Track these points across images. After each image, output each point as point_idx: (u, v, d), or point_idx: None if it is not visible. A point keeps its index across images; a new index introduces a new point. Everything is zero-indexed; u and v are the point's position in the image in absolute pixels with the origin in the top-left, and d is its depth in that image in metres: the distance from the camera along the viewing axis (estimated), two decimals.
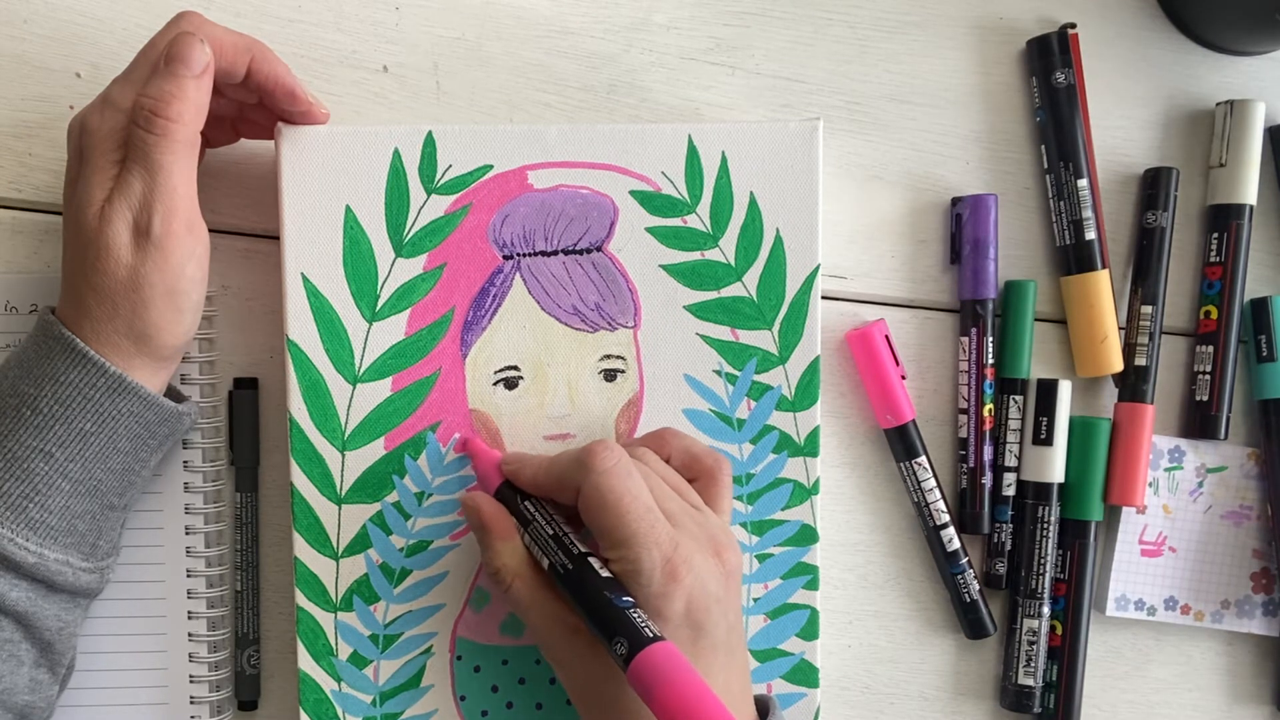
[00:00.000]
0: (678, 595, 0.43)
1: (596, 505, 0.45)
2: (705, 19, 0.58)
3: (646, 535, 0.44)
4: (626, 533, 0.44)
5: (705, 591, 0.44)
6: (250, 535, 0.54)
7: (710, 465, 0.50)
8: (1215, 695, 0.63)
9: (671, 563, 0.44)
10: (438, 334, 0.52)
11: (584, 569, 0.45)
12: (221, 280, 0.54)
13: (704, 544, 0.45)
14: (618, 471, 0.45)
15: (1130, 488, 0.60)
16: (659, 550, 0.44)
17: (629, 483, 0.45)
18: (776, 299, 0.54)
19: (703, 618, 0.44)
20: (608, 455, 0.45)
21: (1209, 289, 0.61)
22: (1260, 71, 0.63)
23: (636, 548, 0.44)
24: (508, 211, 0.53)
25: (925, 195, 0.60)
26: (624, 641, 0.41)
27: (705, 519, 0.47)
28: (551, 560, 0.46)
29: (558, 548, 0.46)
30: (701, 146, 0.53)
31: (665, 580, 0.43)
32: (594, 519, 0.45)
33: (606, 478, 0.45)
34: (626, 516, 0.44)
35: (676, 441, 0.51)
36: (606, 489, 0.45)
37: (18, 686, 0.47)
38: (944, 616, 0.61)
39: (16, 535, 0.45)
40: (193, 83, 0.45)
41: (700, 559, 0.44)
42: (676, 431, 0.51)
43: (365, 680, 0.53)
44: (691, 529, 0.46)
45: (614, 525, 0.44)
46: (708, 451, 0.51)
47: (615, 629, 0.42)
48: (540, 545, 0.46)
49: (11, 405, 0.45)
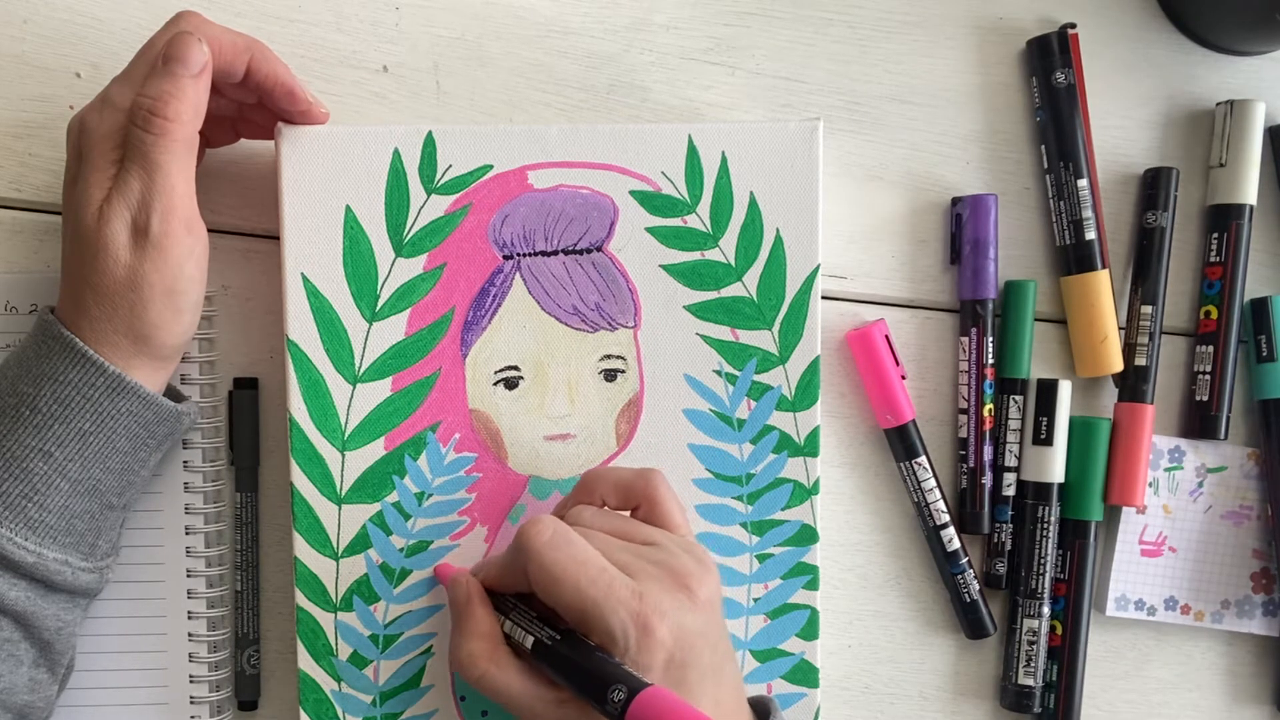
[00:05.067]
0: (657, 648, 0.42)
1: (548, 582, 0.44)
2: (705, 19, 0.58)
3: (607, 598, 0.43)
4: (586, 601, 0.43)
5: (684, 630, 0.43)
6: (250, 535, 0.54)
7: (643, 487, 0.49)
8: (1215, 695, 0.63)
9: (641, 616, 0.42)
10: (438, 334, 0.52)
11: (572, 636, 0.44)
12: (221, 280, 0.54)
13: (669, 583, 0.44)
14: (556, 542, 0.44)
15: (1130, 488, 0.59)
16: (624, 609, 0.42)
17: (571, 550, 0.44)
18: (776, 299, 0.54)
19: (687, 655, 0.43)
20: (541, 530, 0.44)
21: (1209, 289, 0.61)
22: (1260, 71, 0.63)
23: (601, 614, 0.42)
24: (508, 211, 0.53)
25: (925, 195, 0.60)
26: (621, 687, 0.41)
27: (664, 552, 0.46)
28: (537, 636, 0.45)
29: (543, 624, 0.45)
30: (701, 146, 0.53)
31: (640, 635, 0.42)
32: (551, 597, 0.44)
33: (548, 552, 0.44)
34: (580, 584, 0.43)
35: (602, 483, 0.50)
36: (551, 563, 0.43)
37: (17, 686, 0.46)
38: (944, 616, 0.60)
39: (15, 535, 0.45)
40: (191, 82, 0.45)
41: (669, 600, 0.43)
42: (596, 471, 0.50)
43: (365, 680, 0.53)
44: (651, 571, 0.44)
45: (571, 598, 0.43)
46: (635, 474, 0.49)
47: (610, 680, 0.41)
48: (524, 626, 0.46)
49: (10, 405, 0.45)
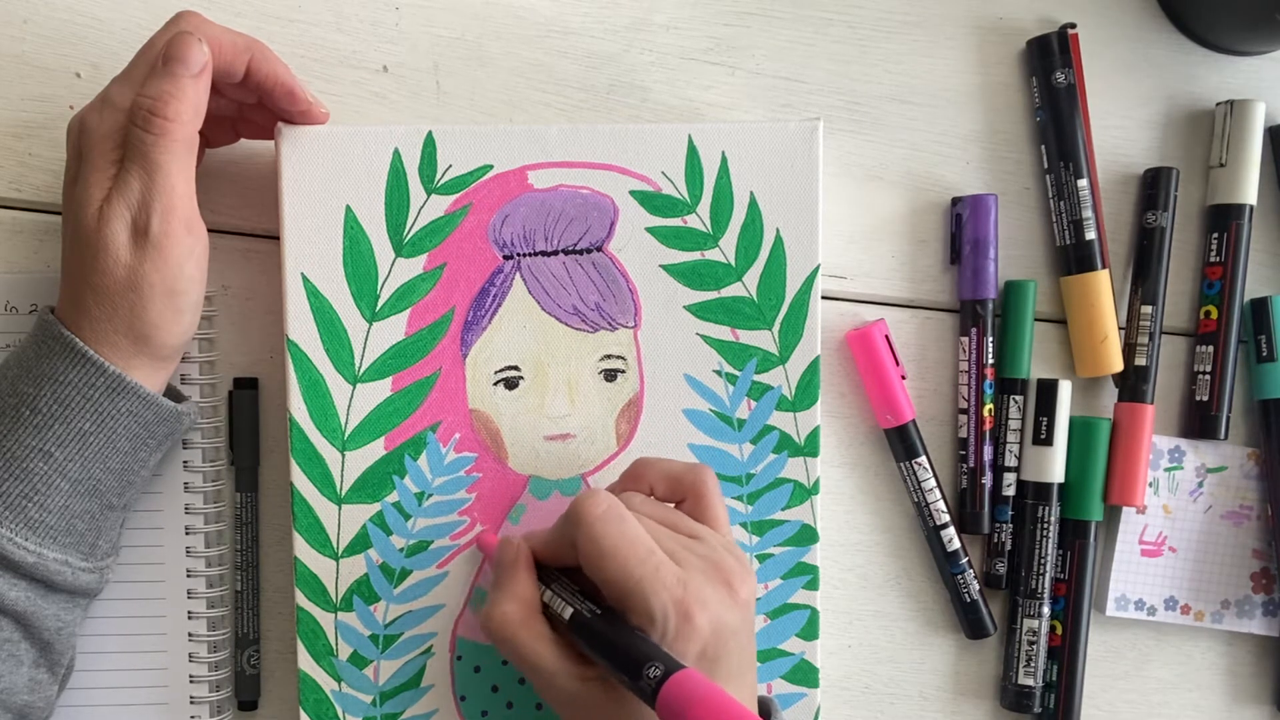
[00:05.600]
0: (694, 636, 0.42)
1: (595, 555, 0.44)
2: (705, 19, 0.58)
3: (652, 579, 0.42)
4: (631, 580, 0.43)
5: (722, 624, 0.43)
6: (250, 535, 0.54)
7: (692, 481, 0.49)
8: (1215, 695, 0.63)
9: (683, 603, 0.42)
10: (438, 334, 0.52)
11: (611, 614, 0.44)
12: (221, 280, 0.54)
13: (712, 576, 0.44)
14: (609, 517, 0.44)
15: (1130, 488, 0.59)
16: (668, 593, 0.42)
17: (623, 527, 0.44)
18: (776, 299, 0.54)
19: (720, 650, 0.43)
20: (596, 502, 0.44)
21: (1209, 289, 0.61)
22: (1260, 71, 0.63)
23: (644, 594, 0.42)
24: (508, 211, 0.53)
25: (925, 195, 0.60)
26: (658, 665, 0.40)
27: (708, 547, 0.46)
28: (577, 608, 0.45)
29: (585, 598, 0.45)
30: (701, 146, 0.53)
31: (680, 622, 0.42)
32: (596, 570, 0.44)
33: (600, 524, 0.44)
34: (628, 563, 0.43)
35: (652, 470, 0.50)
36: (601, 536, 0.43)
37: (17, 686, 0.46)
38: (944, 616, 0.60)
39: (15, 535, 0.45)
40: (191, 82, 0.45)
41: (711, 592, 0.43)
42: (647, 460, 0.50)
43: (365, 680, 0.53)
44: (697, 563, 0.44)
45: (617, 574, 0.43)
46: (686, 468, 0.49)
47: (647, 658, 0.41)
48: (564, 598, 0.45)
49: (11, 405, 0.45)
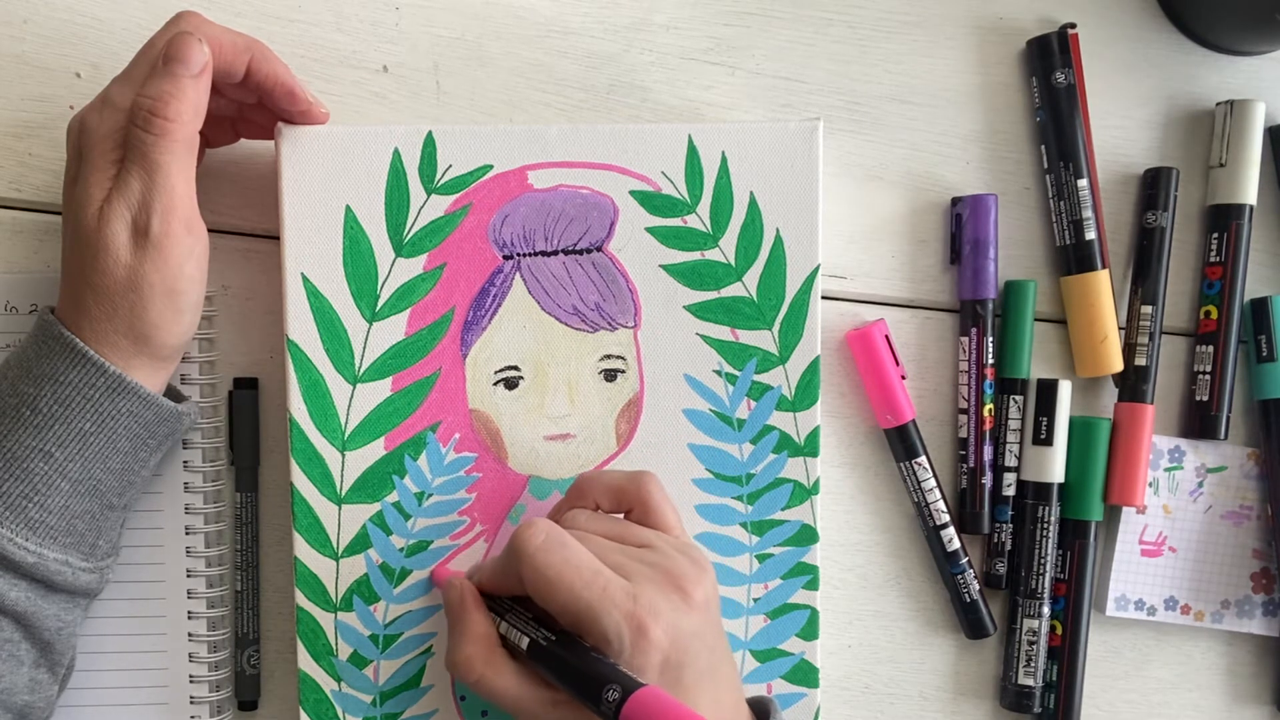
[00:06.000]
0: (651, 649, 0.42)
1: (542, 585, 0.44)
2: (705, 19, 0.58)
3: (601, 600, 0.43)
4: (580, 604, 0.43)
5: (679, 631, 0.43)
6: (250, 535, 0.54)
7: (635, 490, 0.49)
8: (1215, 695, 0.63)
9: (635, 617, 0.42)
10: (438, 334, 0.52)
11: (567, 637, 0.44)
12: (221, 280, 0.54)
13: (663, 584, 0.44)
14: (549, 545, 0.44)
15: (1130, 488, 0.59)
16: (618, 610, 0.42)
17: (565, 553, 0.44)
18: (776, 299, 0.54)
19: (683, 657, 0.43)
20: (535, 533, 0.44)
21: (1209, 289, 0.61)
22: (1260, 71, 0.63)
23: (596, 615, 0.43)
24: (508, 211, 0.53)
25: (925, 195, 0.60)
26: (616, 687, 0.41)
27: (659, 554, 0.46)
28: (533, 637, 0.45)
29: (539, 625, 0.45)
30: (701, 146, 0.53)
31: (635, 637, 0.42)
32: (546, 600, 0.44)
33: (541, 555, 0.44)
34: (574, 587, 0.43)
35: (594, 486, 0.50)
36: (545, 566, 0.44)
37: (17, 686, 0.46)
38: (944, 616, 0.60)
39: (16, 535, 0.45)
40: (191, 82, 0.45)
41: (663, 600, 0.43)
42: (588, 475, 0.50)
43: (365, 680, 0.53)
44: (646, 573, 0.44)
45: (566, 600, 0.43)
46: (627, 477, 0.49)
47: (605, 680, 0.41)
48: (519, 628, 0.46)
49: (11, 405, 0.45)
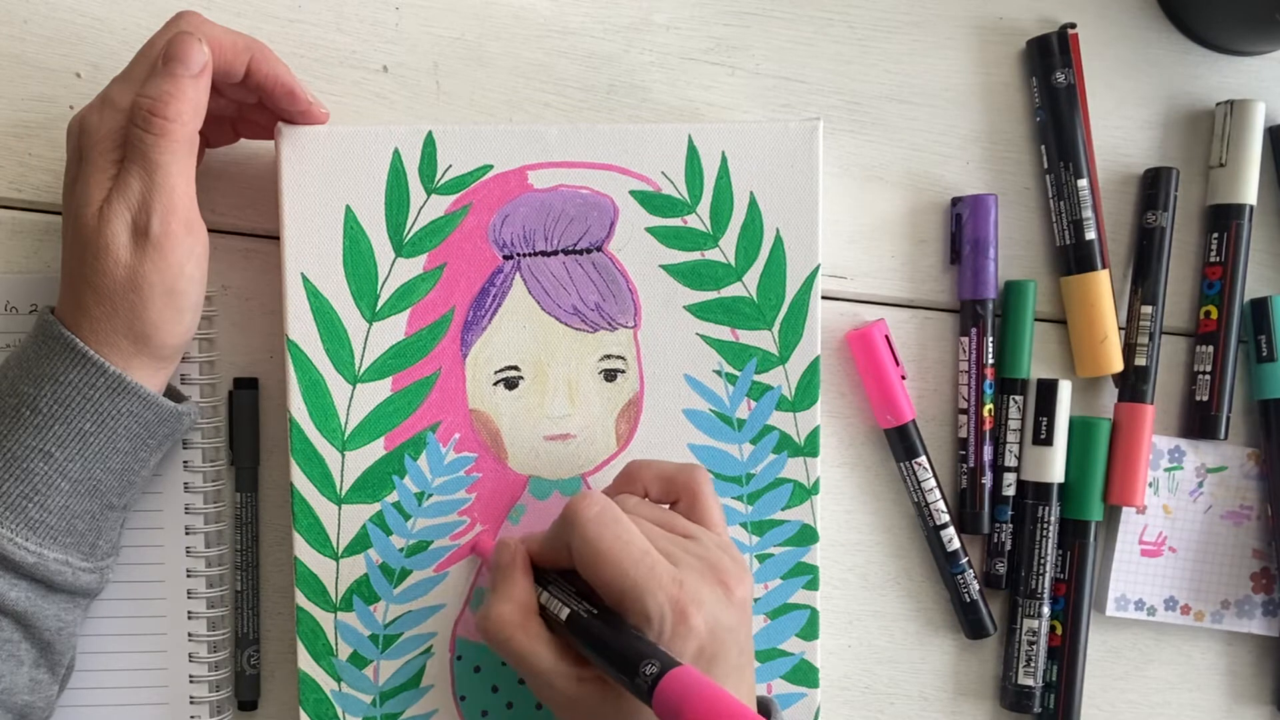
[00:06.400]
0: (691, 635, 0.43)
1: (591, 557, 0.44)
2: (705, 19, 0.58)
3: (648, 580, 0.43)
4: (627, 581, 0.43)
5: (718, 624, 0.43)
6: (250, 535, 0.54)
7: (686, 481, 0.49)
8: (1215, 695, 0.63)
9: (679, 603, 0.42)
10: (438, 334, 0.52)
11: (609, 614, 0.44)
12: (221, 280, 0.54)
13: (708, 575, 0.44)
14: (604, 519, 0.44)
15: (1130, 488, 0.59)
16: (664, 593, 0.42)
17: (618, 529, 0.44)
18: (776, 299, 0.54)
19: (717, 649, 0.43)
20: (590, 505, 0.44)
21: (1209, 289, 0.61)
22: (1260, 71, 0.63)
23: (640, 594, 0.42)
24: (508, 211, 0.53)
25: (925, 195, 0.60)
26: (654, 662, 0.40)
27: (703, 547, 0.46)
28: (574, 609, 0.45)
29: (582, 599, 0.45)
30: (701, 146, 0.53)
31: (676, 621, 0.42)
32: (592, 573, 0.44)
33: (595, 526, 0.44)
34: (623, 564, 0.43)
35: (646, 471, 0.50)
36: (596, 538, 0.44)
37: (17, 686, 0.47)
38: (944, 616, 0.60)
39: (16, 535, 0.45)
40: (191, 82, 0.45)
41: (707, 591, 0.43)
42: (641, 462, 0.50)
43: (365, 680, 0.53)
44: (692, 563, 0.44)
45: (613, 575, 0.43)
46: (679, 468, 0.50)
47: (643, 655, 0.41)
48: (561, 599, 0.45)
49: (11, 405, 0.45)
